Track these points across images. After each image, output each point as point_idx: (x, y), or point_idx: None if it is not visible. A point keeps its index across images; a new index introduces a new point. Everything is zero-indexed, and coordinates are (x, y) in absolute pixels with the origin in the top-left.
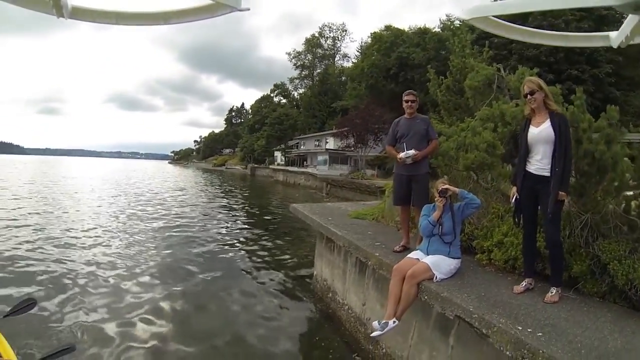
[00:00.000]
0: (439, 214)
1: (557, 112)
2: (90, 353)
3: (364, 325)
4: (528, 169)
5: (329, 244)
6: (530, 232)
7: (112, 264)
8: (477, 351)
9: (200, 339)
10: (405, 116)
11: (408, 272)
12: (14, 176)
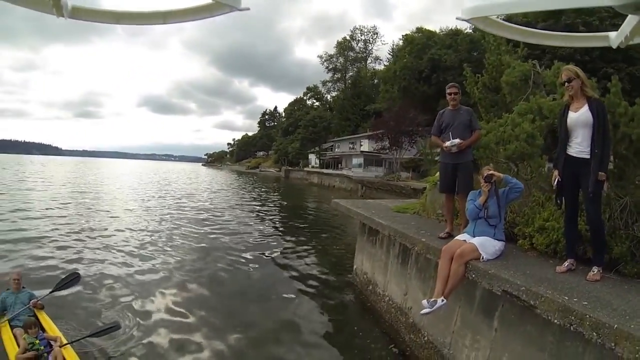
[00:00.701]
0: (484, 198)
1: (594, 98)
2: (132, 333)
3: (405, 315)
4: (569, 152)
5: (370, 237)
6: (571, 214)
7: (155, 254)
8: (521, 332)
9: (241, 329)
10: (449, 108)
11: (456, 252)
12: (67, 176)
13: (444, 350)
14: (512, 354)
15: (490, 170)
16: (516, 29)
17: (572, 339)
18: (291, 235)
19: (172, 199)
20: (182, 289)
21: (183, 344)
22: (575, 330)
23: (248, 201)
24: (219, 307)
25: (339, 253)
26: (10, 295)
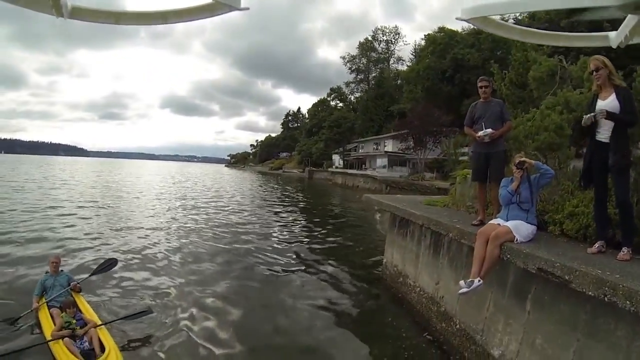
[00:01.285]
0: (517, 184)
1: (621, 86)
2: (163, 320)
3: (437, 304)
4: (597, 138)
5: (401, 230)
6: (601, 197)
7: (188, 249)
8: (555, 312)
9: (273, 319)
10: (481, 100)
11: (491, 234)
12: (97, 175)
13: (477, 337)
14: (545, 335)
15: (522, 157)
16: (516, 29)
17: (604, 316)
18: (318, 232)
19: (201, 197)
20: (215, 283)
21: (213, 334)
22: (609, 300)
23: (274, 200)
24: (251, 300)
25: (366, 249)
26: (49, 278)
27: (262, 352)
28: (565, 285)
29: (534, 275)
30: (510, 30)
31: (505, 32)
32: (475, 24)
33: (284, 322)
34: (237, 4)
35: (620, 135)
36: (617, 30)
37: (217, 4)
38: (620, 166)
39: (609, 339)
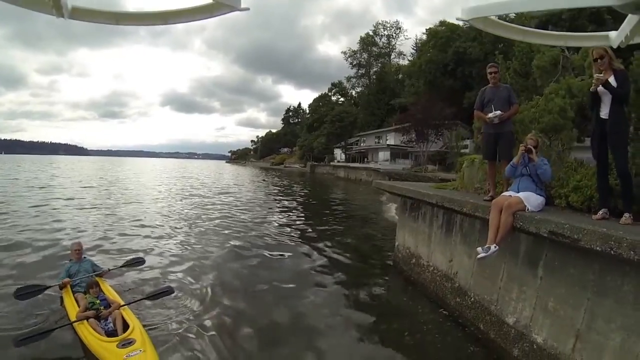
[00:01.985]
0: (518, 159)
1: (619, 69)
2: (183, 300)
3: (451, 281)
4: (601, 115)
5: (412, 213)
6: (603, 169)
7: (201, 240)
8: (565, 275)
9: (289, 301)
10: (490, 85)
11: (505, 203)
12: (100, 174)
13: (491, 307)
14: (557, 297)
15: (533, 141)
16: (516, 29)
17: (611, 274)
18: (325, 221)
19: (207, 191)
20: (232, 269)
21: (232, 314)
22: (615, 252)
23: (280, 193)
24: (265, 284)
25: (375, 236)
26: (74, 265)
27: (281, 331)
28: (574, 248)
29: (544, 243)
30: (510, 30)
31: (505, 32)
32: (476, 24)
33: (299, 304)
34: (237, 4)
35: (616, 112)
36: (618, 30)
37: (217, 4)
38: (617, 140)
39: (617, 295)
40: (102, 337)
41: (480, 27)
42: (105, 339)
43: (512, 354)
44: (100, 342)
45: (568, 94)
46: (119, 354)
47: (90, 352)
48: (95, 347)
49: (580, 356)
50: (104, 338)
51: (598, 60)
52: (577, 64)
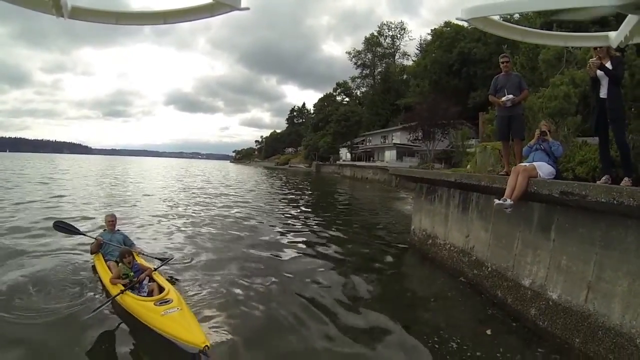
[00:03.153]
0: (534, 141)
1: (616, 55)
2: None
3: (468, 255)
4: (600, 95)
5: (429, 196)
6: (604, 140)
7: (216, 231)
8: (575, 235)
9: (313, 279)
10: (502, 73)
11: (521, 169)
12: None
13: (508, 273)
14: (569, 255)
15: (546, 126)
16: (516, 29)
17: (616, 229)
18: (337, 215)
19: (215, 190)
20: (252, 252)
21: (259, 289)
22: (617, 201)
23: (289, 190)
24: (288, 268)
25: (389, 223)
26: (106, 234)
27: (309, 306)
28: (582, 208)
29: (555, 209)
30: (510, 31)
31: (505, 32)
32: (476, 24)
33: (326, 280)
34: (237, 4)
35: (613, 92)
36: (618, 30)
37: (217, 4)
38: (615, 115)
39: (621, 247)
40: (140, 297)
41: (480, 27)
42: (142, 298)
43: (530, 314)
44: (138, 301)
45: (572, 84)
46: (157, 310)
47: (128, 312)
48: (134, 306)
49: (593, 305)
50: (141, 298)
51: (597, 49)
52: (580, 57)
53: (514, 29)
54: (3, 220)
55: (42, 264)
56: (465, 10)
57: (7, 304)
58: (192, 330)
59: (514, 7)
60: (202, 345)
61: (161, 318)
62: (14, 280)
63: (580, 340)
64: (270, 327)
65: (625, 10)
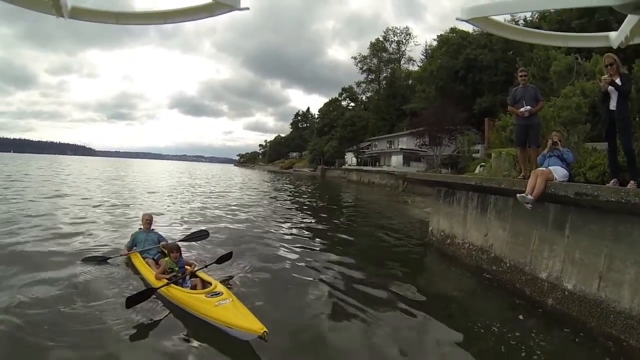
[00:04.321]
0: (547, 150)
1: (624, 73)
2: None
3: (487, 252)
4: (610, 107)
5: (447, 199)
6: (612, 148)
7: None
8: (587, 231)
9: (340, 279)
10: (520, 85)
11: (539, 172)
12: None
13: (526, 268)
14: (581, 249)
15: (557, 137)
16: (516, 29)
17: (624, 224)
18: (349, 218)
19: (225, 191)
20: (278, 255)
21: (287, 279)
22: (625, 200)
23: (294, 194)
24: (315, 263)
25: (402, 229)
26: (141, 234)
27: (346, 298)
28: (594, 208)
29: (569, 209)
30: (511, 31)
31: (506, 33)
32: (476, 24)
33: (350, 277)
34: (236, 3)
35: (622, 105)
36: (618, 31)
37: (216, 4)
38: (623, 125)
39: (629, 240)
40: (190, 291)
41: (480, 27)
42: (193, 291)
43: (547, 304)
44: (189, 294)
45: (582, 95)
46: (210, 302)
47: (178, 306)
48: (186, 299)
49: (605, 292)
50: (191, 291)
51: (608, 67)
52: (589, 69)
53: (514, 29)
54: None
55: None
56: (465, 10)
57: (57, 302)
58: (249, 319)
59: (514, 7)
60: (261, 331)
61: (215, 309)
62: (57, 279)
63: (595, 324)
64: (312, 317)
65: (625, 10)
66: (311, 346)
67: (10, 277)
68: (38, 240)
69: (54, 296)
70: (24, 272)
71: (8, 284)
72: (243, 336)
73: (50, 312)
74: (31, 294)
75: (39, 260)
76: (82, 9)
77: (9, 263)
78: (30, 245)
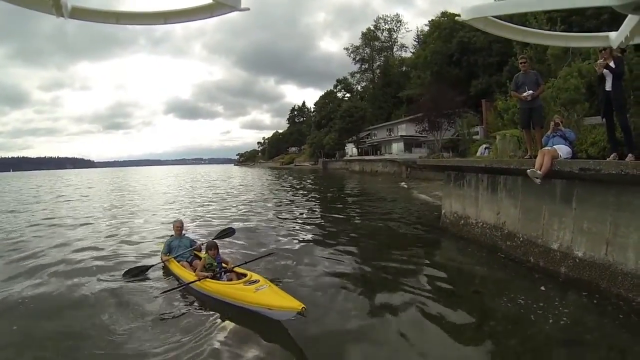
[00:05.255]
0: (550, 132)
1: (617, 56)
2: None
3: (500, 229)
4: (606, 89)
5: (457, 182)
6: (610, 125)
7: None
8: (592, 203)
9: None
10: (522, 72)
11: (546, 151)
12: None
13: (538, 241)
14: (588, 219)
15: (559, 118)
16: (517, 29)
17: (625, 194)
18: (360, 207)
19: (233, 191)
20: (298, 246)
21: (317, 271)
22: (624, 172)
23: (299, 187)
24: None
25: (416, 211)
26: (174, 240)
27: (369, 277)
28: (597, 181)
29: (574, 183)
30: (511, 31)
31: (506, 32)
32: (476, 24)
33: (376, 258)
34: (237, 4)
35: (616, 86)
36: (618, 31)
37: (217, 4)
38: (619, 104)
39: (630, 208)
40: (228, 282)
41: (481, 27)
42: (230, 283)
43: (560, 272)
44: (229, 285)
45: (579, 75)
46: (249, 289)
47: (216, 297)
48: (226, 290)
49: (612, 256)
50: (230, 282)
51: (602, 51)
52: (584, 50)
53: (514, 29)
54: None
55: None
56: (465, 10)
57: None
58: (288, 299)
59: (514, 7)
60: (300, 307)
61: (255, 294)
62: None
63: (605, 286)
64: (339, 297)
65: (625, 10)
66: (343, 321)
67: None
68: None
69: (100, 304)
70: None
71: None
72: (284, 316)
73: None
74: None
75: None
76: (83, 8)
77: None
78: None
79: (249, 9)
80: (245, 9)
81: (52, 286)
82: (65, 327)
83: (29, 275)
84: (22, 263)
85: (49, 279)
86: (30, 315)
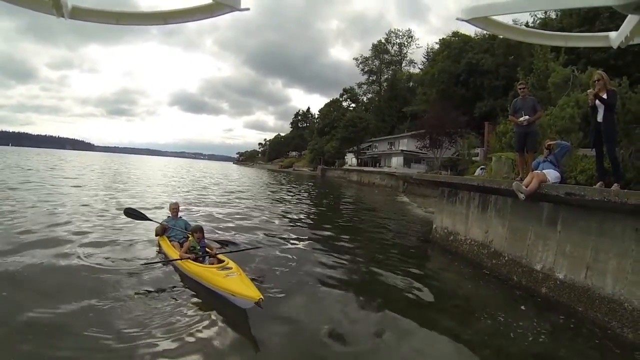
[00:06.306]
0: (543, 157)
1: (611, 89)
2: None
3: (487, 247)
4: (597, 119)
5: (450, 198)
6: (599, 154)
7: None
8: (576, 227)
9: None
10: (520, 97)
11: (535, 174)
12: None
13: (522, 261)
14: (572, 243)
15: (550, 143)
16: (517, 30)
17: (607, 222)
18: (354, 217)
19: (236, 188)
20: (284, 251)
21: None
22: (607, 199)
23: (301, 194)
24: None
25: (406, 224)
26: (170, 220)
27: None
28: (582, 206)
29: (560, 207)
30: (511, 31)
31: (506, 33)
32: (476, 24)
33: (362, 271)
34: (237, 4)
35: (608, 117)
36: (618, 31)
37: (216, 4)
38: (609, 135)
39: (611, 234)
40: (204, 265)
41: (481, 27)
42: (206, 265)
43: (541, 292)
44: (204, 268)
45: (576, 106)
46: (221, 274)
47: (192, 278)
48: (200, 272)
49: (591, 280)
50: (205, 265)
51: (596, 82)
52: (584, 81)
53: (515, 29)
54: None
55: (116, 243)
56: (465, 10)
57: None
58: (251, 289)
59: (514, 7)
60: (257, 298)
61: (224, 279)
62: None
63: (582, 309)
64: (306, 294)
65: (625, 10)
66: (309, 318)
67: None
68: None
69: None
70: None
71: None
72: (244, 304)
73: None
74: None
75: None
76: (83, 8)
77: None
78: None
79: (248, 9)
80: (245, 9)
81: (27, 258)
82: (41, 291)
83: None
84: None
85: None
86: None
